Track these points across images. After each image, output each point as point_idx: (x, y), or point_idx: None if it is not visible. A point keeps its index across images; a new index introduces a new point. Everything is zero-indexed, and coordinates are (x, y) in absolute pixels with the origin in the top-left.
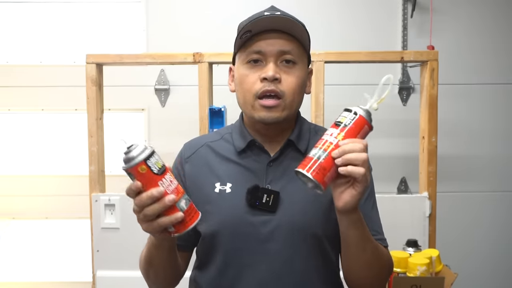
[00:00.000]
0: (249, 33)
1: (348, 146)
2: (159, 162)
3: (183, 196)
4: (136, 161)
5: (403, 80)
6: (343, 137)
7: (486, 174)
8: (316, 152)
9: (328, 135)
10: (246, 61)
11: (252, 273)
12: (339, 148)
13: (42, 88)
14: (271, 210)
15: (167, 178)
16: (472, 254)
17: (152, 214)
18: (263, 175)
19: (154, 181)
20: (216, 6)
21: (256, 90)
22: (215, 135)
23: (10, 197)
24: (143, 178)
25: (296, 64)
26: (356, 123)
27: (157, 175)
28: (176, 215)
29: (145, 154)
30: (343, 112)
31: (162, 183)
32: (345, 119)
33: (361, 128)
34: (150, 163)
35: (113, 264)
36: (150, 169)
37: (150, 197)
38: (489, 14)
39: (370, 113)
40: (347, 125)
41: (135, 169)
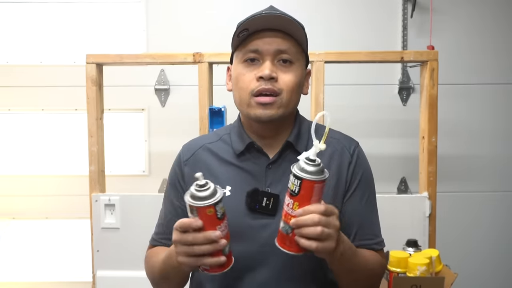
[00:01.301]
0: (246, 31)
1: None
2: (224, 207)
3: (228, 242)
4: (207, 202)
5: (403, 80)
6: (298, 206)
7: (486, 174)
8: (283, 226)
9: (286, 205)
10: (243, 60)
11: (251, 276)
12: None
13: (42, 88)
14: (271, 214)
15: (224, 223)
16: (472, 254)
17: (200, 253)
18: (262, 178)
19: (214, 224)
20: (216, 6)
21: (252, 88)
22: (214, 136)
23: (10, 197)
24: (206, 219)
25: (293, 63)
26: (304, 188)
27: (219, 219)
28: (220, 259)
29: (217, 198)
30: (290, 177)
31: (220, 228)
32: (294, 186)
33: (311, 190)
34: (218, 207)
35: (113, 264)
36: (216, 213)
37: (208, 238)
38: (489, 14)
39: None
40: (296, 193)
41: (203, 209)
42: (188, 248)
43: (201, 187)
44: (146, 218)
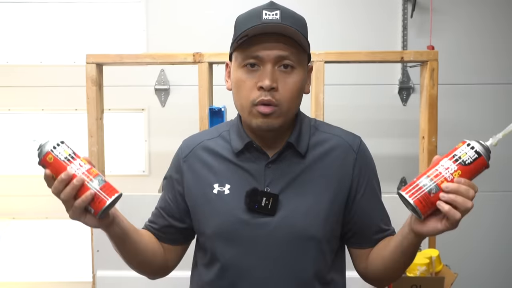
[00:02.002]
0: (246, 36)
1: (461, 188)
2: (67, 150)
3: (96, 177)
4: (44, 152)
5: (403, 80)
6: (459, 175)
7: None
8: (427, 183)
9: (444, 168)
10: (243, 64)
11: (251, 275)
12: (452, 185)
13: (42, 88)
14: (270, 213)
15: (75, 163)
16: (472, 254)
17: (67, 197)
18: (262, 177)
19: (63, 167)
20: (216, 6)
21: (253, 98)
22: (213, 132)
23: (10, 197)
24: (52, 167)
25: (295, 68)
26: (476, 163)
27: (65, 161)
28: (86, 193)
29: (51, 144)
30: (463, 146)
31: (71, 168)
32: (465, 156)
33: (480, 169)
34: (56, 151)
35: (113, 264)
36: (57, 157)
37: (60, 181)
38: (489, 14)
39: (490, 151)
40: (466, 163)
41: (44, 160)
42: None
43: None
44: (146, 218)
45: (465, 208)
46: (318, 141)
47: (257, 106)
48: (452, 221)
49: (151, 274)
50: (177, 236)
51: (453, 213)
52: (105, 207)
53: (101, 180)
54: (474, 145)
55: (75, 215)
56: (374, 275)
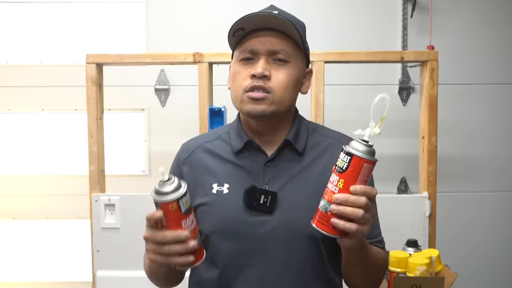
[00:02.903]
0: (242, 31)
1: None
2: (189, 202)
3: (197, 235)
4: (170, 198)
5: (403, 80)
6: (344, 184)
7: (486, 174)
8: (322, 204)
9: (331, 183)
10: (240, 58)
11: (250, 274)
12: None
13: (42, 88)
14: (268, 211)
15: (190, 218)
16: (472, 254)
17: (170, 253)
18: (260, 176)
19: (179, 219)
20: (216, 6)
21: (245, 86)
22: (212, 134)
23: (10, 197)
24: (170, 215)
25: (288, 62)
26: (353, 165)
27: (184, 214)
28: (189, 259)
29: (180, 193)
30: (341, 154)
31: (185, 223)
32: (342, 163)
33: (360, 169)
34: (181, 202)
35: (113, 264)
36: (179, 208)
37: (176, 239)
38: (489, 14)
39: (369, 146)
40: (344, 170)
41: (167, 205)
42: (157, 247)
43: (164, 183)
44: None
45: (356, 217)
46: (316, 143)
47: (248, 92)
48: (351, 234)
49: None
50: None
51: (348, 227)
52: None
53: (199, 240)
54: (344, 148)
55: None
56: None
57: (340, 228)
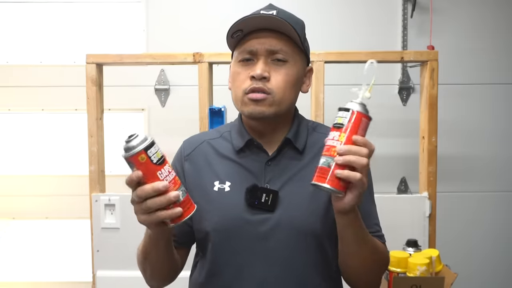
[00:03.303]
0: (241, 32)
1: (352, 147)
2: (159, 152)
3: (179, 187)
4: (137, 150)
5: (403, 80)
6: (345, 137)
7: (486, 174)
8: (325, 160)
9: (331, 140)
10: (239, 59)
11: (251, 272)
12: (343, 146)
13: (42, 88)
14: (270, 209)
15: (165, 169)
16: (472, 254)
17: (155, 207)
18: (262, 174)
19: (153, 171)
20: (216, 6)
21: (245, 87)
22: (215, 132)
23: (10, 197)
24: (143, 167)
25: (287, 62)
26: (354, 120)
27: (156, 165)
28: (175, 210)
29: (146, 144)
30: (338, 112)
31: (161, 174)
32: (342, 119)
33: (359, 123)
34: (150, 153)
35: (113, 264)
36: (149, 159)
37: (156, 190)
38: (489, 14)
39: (364, 104)
40: (345, 124)
41: (135, 158)
42: (143, 206)
43: (128, 139)
44: None
45: (360, 164)
46: (316, 141)
47: (248, 94)
48: (356, 182)
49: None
50: (190, 236)
51: (353, 176)
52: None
53: (183, 192)
54: (345, 106)
55: (151, 223)
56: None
57: (344, 176)
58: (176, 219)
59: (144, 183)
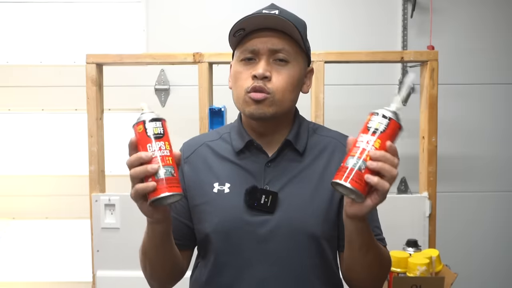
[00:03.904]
0: (243, 31)
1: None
2: (158, 129)
3: (166, 166)
4: (137, 120)
5: (403, 80)
6: (379, 143)
7: (486, 174)
8: (355, 162)
9: (364, 142)
10: (241, 58)
11: (251, 273)
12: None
13: (42, 88)
14: (269, 211)
15: (157, 144)
16: (472, 254)
17: (135, 176)
18: (261, 176)
19: (145, 142)
20: (216, 6)
21: (247, 86)
22: (214, 134)
23: (10, 197)
24: (139, 138)
25: (289, 62)
26: (390, 127)
27: (149, 137)
28: (148, 184)
29: (148, 117)
30: (373, 117)
31: (150, 146)
32: (378, 125)
33: (395, 131)
34: (148, 125)
35: (113, 264)
36: (145, 130)
37: (138, 158)
38: (489, 14)
39: (398, 113)
40: (381, 130)
41: (135, 127)
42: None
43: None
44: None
45: (391, 175)
46: (316, 143)
47: (250, 93)
48: (382, 191)
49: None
50: (192, 237)
51: (382, 184)
52: (156, 198)
53: (169, 172)
54: (383, 112)
55: (134, 197)
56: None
57: (374, 183)
58: (151, 194)
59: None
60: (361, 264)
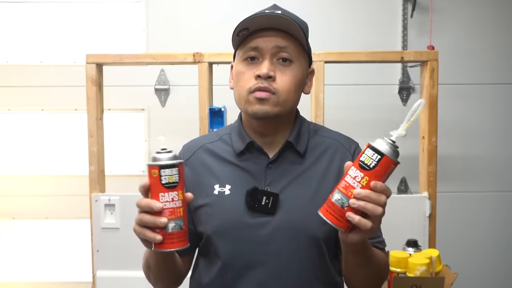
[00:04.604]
0: (246, 31)
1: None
2: (173, 177)
3: (176, 219)
4: (154, 163)
5: (403, 80)
6: (367, 182)
7: (486, 174)
8: (339, 197)
9: (351, 178)
10: (244, 58)
11: (251, 275)
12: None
13: (42, 88)
14: (270, 212)
15: (170, 194)
16: (472, 254)
17: (142, 223)
18: (262, 177)
19: (158, 190)
20: (216, 6)
21: (250, 86)
22: (214, 135)
23: (10, 197)
24: (152, 182)
25: (293, 62)
26: (382, 164)
27: (163, 186)
28: (155, 236)
29: (164, 162)
30: (367, 150)
31: (163, 196)
32: (368, 160)
33: (387, 169)
34: (163, 172)
35: (113, 264)
36: (159, 177)
37: (148, 206)
38: (489, 14)
39: (396, 147)
40: (371, 168)
41: (150, 170)
42: (138, 215)
43: (159, 151)
44: None
45: (375, 215)
46: (317, 144)
47: (253, 93)
48: (365, 230)
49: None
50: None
51: (364, 223)
52: (161, 252)
53: (178, 226)
54: (376, 145)
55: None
56: (347, 283)
57: (355, 222)
58: (158, 246)
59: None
60: (357, 276)
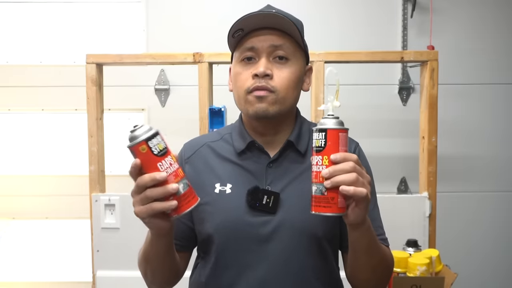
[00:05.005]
0: (241, 31)
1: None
2: (161, 144)
3: (181, 180)
4: (138, 140)
5: (403, 80)
6: (328, 160)
7: (486, 174)
8: (316, 188)
9: (315, 166)
10: (240, 59)
11: (252, 273)
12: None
13: (42, 88)
14: (271, 211)
15: (166, 160)
16: (472, 254)
17: (153, 196)
18: (263, 176)
19: (154, 162)
20: (216, 6)
21: (248, 86)
22: (215, 135)
23: (10, 197)
24: (144, 158)
25: (289, 60)
26: (330, 138)
27: (157, 156)
28: (171, 203)
29: (148, 134)
30: (314, 134)
31: (161, 165)
32: (319, 141)
33: (338, 139)
34: (151, 143)
35: (113, 264)
36: (150, 150)
37: (153, 179)
38: (489, 14)
39: (337, 117)
40: (323, 146)
41: (137, 148)
42: (142, 195)
43: (132, 129)
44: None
45: (350, 181)
46: None
47: (252, 92)
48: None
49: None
50: (192, 239)
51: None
52: (182, 215)
53: (185, 184)
54: (317, 126)
55: (146, 214)
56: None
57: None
58: (174, 211)
59: (145, 173)
60: (365, 267)
